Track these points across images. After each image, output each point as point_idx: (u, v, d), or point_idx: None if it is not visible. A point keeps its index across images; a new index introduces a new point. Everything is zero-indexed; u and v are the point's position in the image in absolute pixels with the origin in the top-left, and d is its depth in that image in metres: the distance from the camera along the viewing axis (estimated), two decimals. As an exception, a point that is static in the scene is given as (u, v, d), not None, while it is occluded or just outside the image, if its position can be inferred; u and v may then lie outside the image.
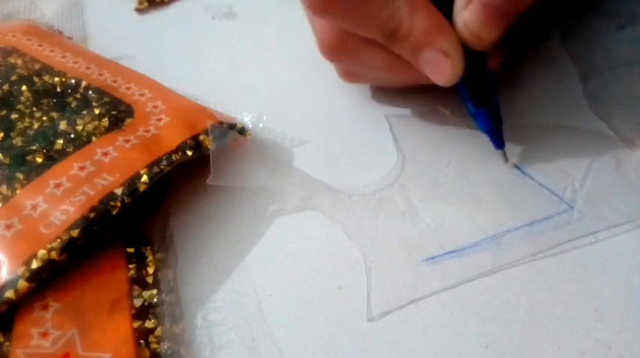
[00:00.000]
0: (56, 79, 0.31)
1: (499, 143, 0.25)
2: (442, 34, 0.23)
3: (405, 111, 0.28)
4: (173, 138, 0.26)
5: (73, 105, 0.29)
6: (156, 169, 0.25)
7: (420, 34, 0.23)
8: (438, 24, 0.23)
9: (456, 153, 0.26)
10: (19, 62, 0.32)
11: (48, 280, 0.22)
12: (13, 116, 0.29)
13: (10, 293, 0.21)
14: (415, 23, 0.23)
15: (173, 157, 0.25)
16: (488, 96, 0.24)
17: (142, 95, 0.29)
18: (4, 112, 0.29)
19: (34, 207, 0.24)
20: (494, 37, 0.22)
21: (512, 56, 0.29)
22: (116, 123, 0.27)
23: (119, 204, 0.24)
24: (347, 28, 0.25)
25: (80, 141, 0.26)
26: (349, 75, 0.29)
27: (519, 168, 0.25)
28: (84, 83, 0.30)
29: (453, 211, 0.24)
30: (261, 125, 0.29)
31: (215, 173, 0.26)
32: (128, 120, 0.27)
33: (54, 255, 0.22)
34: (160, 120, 0.27)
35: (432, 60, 0.23)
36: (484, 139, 0.26)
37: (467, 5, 0.22)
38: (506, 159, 0.25)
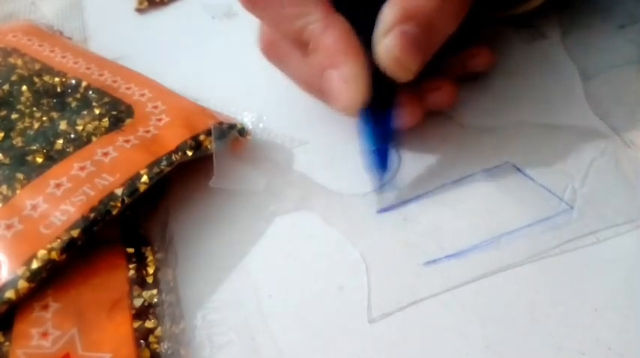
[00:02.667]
0: (56, 79, 0.31)
1: (379, 187, 0.24)
2: (348, 57, 0.22)
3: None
4: (173, 138, 0.26)
5: (73, 106, 0.29)
6: (156, 169, 0.25)
7: (326, 53, 0.22)
8: (347, 46, 0.22)
9: (455, 154, 0.26)
10: (20, 62, 0.32)
11: (48, 280, 0.22)
12: (14, 116, 0.29)
13: (10, 294, 0.21)
14: (324, 40, 0.22)
15: (173, 157, 0.25)
16: (386, 136, 0.24)
17: (142, 95, 0.29)
18: (4, 112, 0.29)
19: (34, 207, 0.24)
20: (415, 67, 0.22)
21: (509, 53, 0.29)
22: (116, 124, 0.27)
23: (119, 205, 0.24)
24: (271, 27, 0.25)
25: (80, 141, 0.26)
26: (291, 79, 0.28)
27: (519, 169, 0.25)
28: (84, 83, 0.30)
29: (453, 213, 0.24)
30: (261, 125, 0.29)
31: (218, 175, 0.26)
32: (128, 121, 0.27)
33: (54, 255, 0.22)
34: (160, 120, 0.27)
35: (331, 82, 0.22)
36: (485, 139, 0.26)
37: (388, 33, 0.22)
38: (381, 208, 0.24)
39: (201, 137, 0.26)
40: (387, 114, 0.24)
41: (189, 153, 0.26)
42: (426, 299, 0.21)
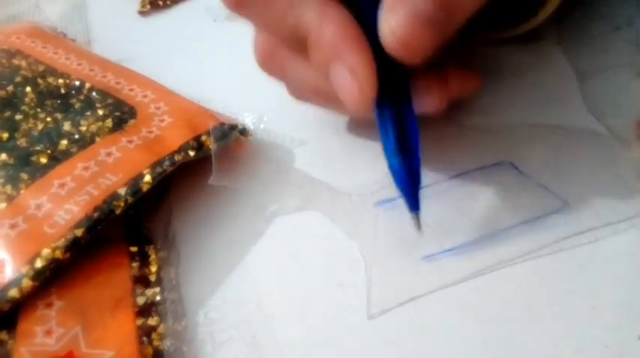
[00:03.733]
0: (60, 80, 0.31)
1: (414, 204, 0.21)
2: (352, 47, 0.20)
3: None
4: (176, 138, 0.26)
5: (76, 107, 0.29)
6: (159, 169, 0.25)
7: (329, 45, 0.20)
8: (349, 35, 0.20)
9: (453, 153, 0.26)
10: (24, 64, 0.32)
11: (52, 279, 0.22)
12: (18, 117, 0.29)
13: (14, 292, 0.22)
14: (323, 32, 0.20)
15: (176, 158, 0.25)
16: (410, 141, 0.21)
17: (145, 96, 0.29)
18: (8, 113, 0.29)
19: (39, 207, 0.24)
20: (424, 51, 0.19)
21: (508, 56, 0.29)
22: (119, 124, 0.28)
23: (123, 204, 0.24)
24: (262, 28, 0.23)
25: (84, 142, 0.27)
26: (293, 92, 0.26)
27: (516, 167, 0.25)
28: (87, 85, 0.30)
29: (452, 210, 0.24)
30: (262, 126, 0.29)
31: (217, 173, 0.26)
32: (131, 121, 0.28)
33: (58, 253, 0.22)
34: (162, 121, 0.28)
35: (339, 77, 0.20)
36: (483, 139, 0.26)
37: (391, 10, 0.19)
38: (419, 226, 0.21)
39: (203, 138, 0.26)
40: (406, 110, 0.21)
41: (192, 154, 0.26)
42: (424, 295, 0.21)
